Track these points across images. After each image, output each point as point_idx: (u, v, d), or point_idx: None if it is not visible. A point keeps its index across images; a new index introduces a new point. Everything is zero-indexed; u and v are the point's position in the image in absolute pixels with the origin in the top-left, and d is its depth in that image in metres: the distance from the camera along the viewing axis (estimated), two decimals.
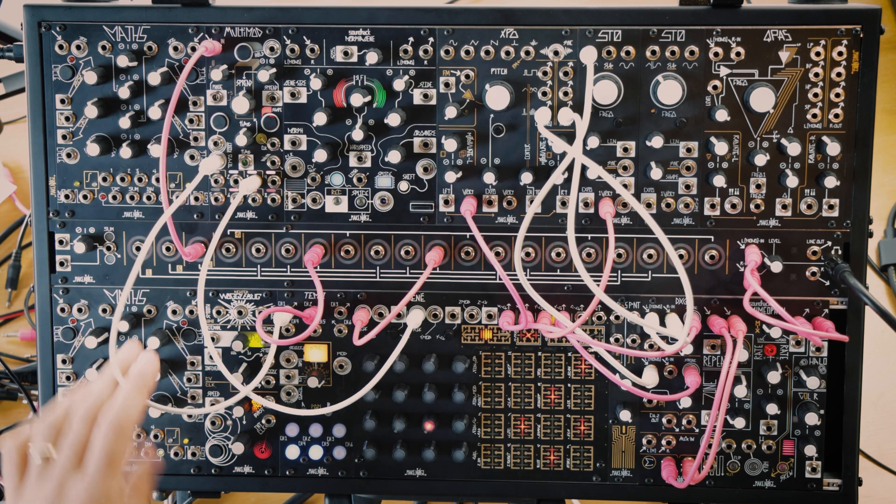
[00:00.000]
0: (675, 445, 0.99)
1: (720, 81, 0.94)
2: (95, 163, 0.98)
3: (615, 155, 0.95)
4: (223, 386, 1.01)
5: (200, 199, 0.98)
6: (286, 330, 0.99)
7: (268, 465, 1.02)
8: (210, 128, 0.97)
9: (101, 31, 0.96)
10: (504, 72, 0.95)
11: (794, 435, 0.99)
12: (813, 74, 0.93)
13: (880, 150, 1.27)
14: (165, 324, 1.00)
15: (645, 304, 0.98)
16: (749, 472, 0.99)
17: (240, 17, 0.95)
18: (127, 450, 0.81)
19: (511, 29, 0.94)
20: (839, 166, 0.94)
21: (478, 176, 0.96)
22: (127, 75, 0.96)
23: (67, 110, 0.97)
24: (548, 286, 0.98)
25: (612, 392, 0.99)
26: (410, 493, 1.02)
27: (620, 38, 0.94)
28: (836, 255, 0.96)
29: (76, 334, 1.00)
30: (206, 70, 0.96)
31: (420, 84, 0.95)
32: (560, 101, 0.95)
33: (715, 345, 0.98)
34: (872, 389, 1.22)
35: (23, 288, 1.31)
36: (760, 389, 0.98)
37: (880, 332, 0.99)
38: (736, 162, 0.95)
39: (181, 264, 0.99)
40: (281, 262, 0.99)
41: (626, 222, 0.96)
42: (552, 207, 0.97)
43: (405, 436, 1.00)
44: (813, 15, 0.92)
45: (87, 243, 0.98)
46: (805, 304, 0.97)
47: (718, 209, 0.96)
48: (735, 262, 0.96)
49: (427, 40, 0.95)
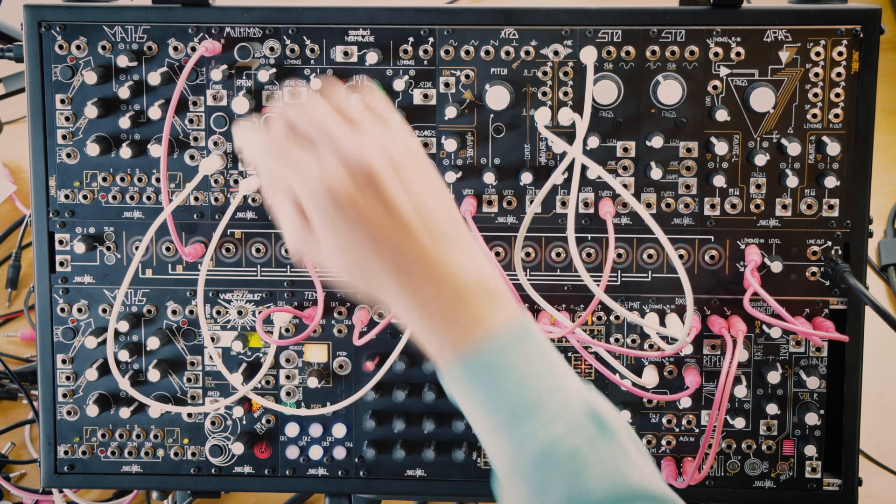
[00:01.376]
0: (675, 445, 0.99)
1: (720, 81, 0.94)
2: (95, 163, 0.98)
3: (615, 155, 0.95)
4: (223, 386, 1.01)
5: (200, 199, 0.98)
6: (286, 330, 0.99)
7: (268, 465, 1.02)
8: (210, 128, 0.97)
9: (101, 31, 0.96)
10: (504, 72, 0.95)
11: (794, 435, 0.99)
12: (813, 74, 0.93)
13: (880, 150, 1.27)
14: (165, 324, 1.00)
15: (645, 304, 0.98)
16: (749, 472, 0.99)
17: (240, 17, 0.95)
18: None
19: (511, 29, 0.94)
20: (839, 166, 0.94)
21: (478, 176, 0.96)
22: (127, 75, 0.96)
23: (67, 110, 0.97)
24: (548, 286, 0.98)
25: (612, 392, 0.99)
26: (410, 493, 1.02)
27: (620, 38, 0.94)
28: (836, 255, 0.96)
29: (76, 334, 1.00)
30: (206, 70, 0.96)
31: (420, 84, 0.95)
32: (560, 101, 0.95)
33: (715, 345, 0.98)
34: (872, 389, 1.22)
35: (23, 288, 1.31)
36: (760, 389, 0.98)
37: (880, 332, 0.98)
38: (736, 162, 0.95)
39: (181, 264, 0.99)
40: (281, 262, 0.99)
41: (626, 222, 0.96)
42: (552, 207, 0.97)
43: (405, 436, 1.00)
44: (813, 15, 0.92)
45: (87, 243, 0.98)
46: (805, 304, 0.97)
47: (718, 209, 0.96)
48: (735, 262, 0.96)
49: (427, 40, 0.95)
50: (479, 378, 0.67)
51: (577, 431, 0.65)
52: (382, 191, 0.69)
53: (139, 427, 1.01)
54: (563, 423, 0.65)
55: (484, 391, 0.67)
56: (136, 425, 1.01)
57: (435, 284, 0.68)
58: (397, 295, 0.69)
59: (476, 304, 0.68)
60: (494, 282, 0.70)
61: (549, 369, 0.68)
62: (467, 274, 0.69)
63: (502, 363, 0.67)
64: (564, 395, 0.67)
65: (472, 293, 0.68)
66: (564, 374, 0.68)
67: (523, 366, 0.67)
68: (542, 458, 0.65)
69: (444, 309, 0.68)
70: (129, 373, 0.99)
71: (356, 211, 0.68)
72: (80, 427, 1.01)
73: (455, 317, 0.68)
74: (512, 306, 0.69)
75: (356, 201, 0.68)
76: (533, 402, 0.66)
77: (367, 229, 0.68)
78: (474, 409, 0.68)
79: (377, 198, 0.69)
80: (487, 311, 0.68)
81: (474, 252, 0.71)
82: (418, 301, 0.68)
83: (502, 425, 0.66)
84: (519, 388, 0.66)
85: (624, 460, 0.65)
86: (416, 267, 0.68)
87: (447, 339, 0.68)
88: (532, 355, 0.68)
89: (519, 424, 0.66)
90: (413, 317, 0.69)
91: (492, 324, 0.68)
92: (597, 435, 0.65)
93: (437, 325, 0.68)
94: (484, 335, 0.67)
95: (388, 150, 0.71)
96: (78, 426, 1.01)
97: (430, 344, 0.69)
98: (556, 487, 0.65)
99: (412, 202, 0.70)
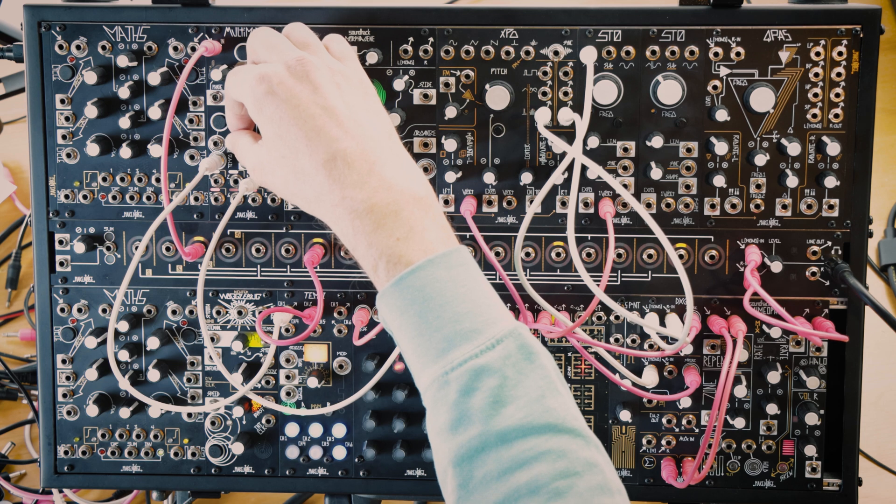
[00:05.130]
0: (674, 445, 0.99)
1: (720, 81, 0.94)
2: (95, 163, 0.98)
3: (615, 155, 0.95)
4: (223, 386, 1.01)
5: (200, 199, 0.98)
6: (286, 330, 0.99)
7: (268, 465, 1.02)
8: (210, 128, 0.97)
9: (101, 31, 0.96)
10: (504, 72, 0.95)
11: (794, 435, 0.99)
12: (813, 74, 0.93)
13: (880, 150, 1.27)
14: (165, 324, 1.00)
15: (645, 304, 0.98)
16: (749, 472, 0.99)
17: (240, 17, 0.95)
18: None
19: (511, 29, 0.94)
20: (839, 166, 0.94)
21: (478, 176, 0.96)
22: (127, 75, 0.96)
23: (67, 110, 0.97)
24: (548, 286, 0.98)
25: (611, 392, 0.99)
26: (410, 493, 1.02)
27: (620, 38, 0.94)
28: (836, 255, 0.96)
29: (76, 334, 1.00)
30: (206, 70, 0.96)
31: (420, 84, 0.95)
32: (560, 101, 0.95)
33: (715, 345, 0.98)
34: (872, 389, 1.22)
35: (23, 288, 1.31)
36: (760, 389, 0.98)
37: (880, 332, 0.99)
38: (736, 162, 0.95)
39: (181, 264, 0.99)
40: (281, 262, 0.99)
41: (626, 222, 0.96)
42: (552, 207, 0.97)
43: (405, 436, 1.00)
44: (813, 15, 0.92)
45: (86, 243, 0.98)
46: (805, 304, 0.97)
47: (718, 209, 0.96)
48: (735, 262, 0.96)
49: (427, 40, 0.95)
50: (414, 302, 0.65)
51: (506, 360, 0.65)
52: (315, 81, 0.70)
53: (139, 427, 1.01)
54: (495, 352, 0.65)
55: (417, 316, 0.65)
56: (136, 425, 1.01)
57: (367, 185, 0.66)
58: (331, 201, 0.66)
59: (411, 215, 0.66)
60: (429, 196, 0.68)
61: (484, 297, 0.67)
62: (401, 180, 0.67)
63: (438, 288, 0.65)
64: (496, 325, 0.66)
65: (406, 201, 0.67)
66: (497, 303, 0.67)
67: (459, 293, 0.66)
68: (469, 382, 0.64)
69: (377, 215, 0.66)
70: (129, 373, 0.99)
71: (288, 92, 0.69)
72: (80, 427, 1.01)
73: (389, 225, 0.66)
74: (444, 223, 0.68)
75: (287, 84, 0.70)
76: (466, 332, 0.65)
77: (298, 111, 0.69)
78: (406, 331, 0.66)
79: (309, 85, 0.70)
80: (422, 225, 0.66)
81: (409, 164, 0.70)
82: (352, 206, 0.66)
83: (434, 351, 0.65)
84: (453, 317, 0.65)
85: (550, 391, 0.65)
86: (347, 163, 0.67)
87: (382, 252, 0.65)
88: (466, 281, 0.66)
89: (452, 351, 0.65)
90: (346, 226, 0.67)
91: (427, 241, 0.66)
92: (524, 364, 0.65)
93: (371, 235, 0.66)
94: (419, 254, 0.65)
95: (329, 64, 0.73)
96: (78, 426, 1.01)
97: (365, 260, 0.67)
98: (478, 411, 0.64)
99: (345, 99, 0.70)
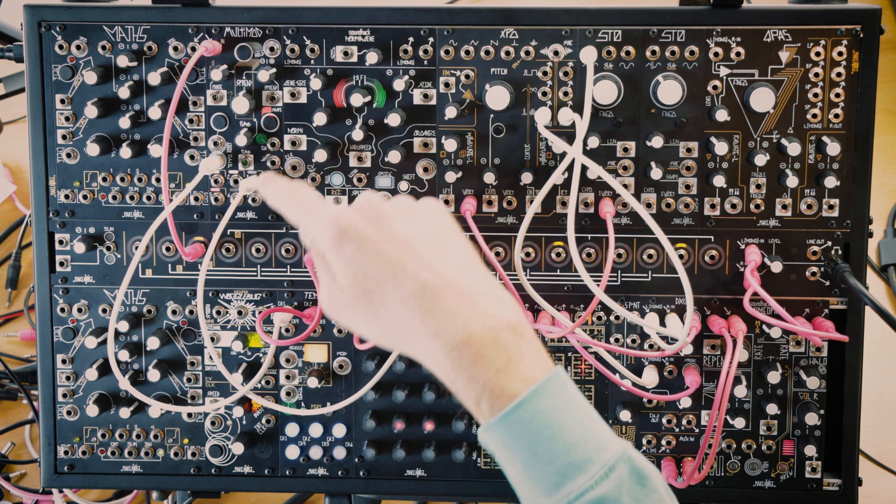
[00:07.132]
0: (674, 445, 0.99)
1: (720, 81, 0.94)
2: (95, 163, 0.98)
3: (615, 155, 0.95)
4: (223, 386, 1.01)
5: (200, 199, 0.98)
6: (286, 330, 0.99)
7: (268, 465, 1.02)
8: (210, 128, 0.97)
9: (101, 31, 0.96)
10: (504, 72, 0.95)
11: (794, 435, 0.99)
12: (813, 74, 0.93)
13: (880, 150, 1.27)
14: (165, 324, 1.00)
15: (645, 304, 0.98)
16: (749, 472, 0.99)
17: (240, 17, 0.95)
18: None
19: (511, 29, 0.94)
20: (839, 166, 0.94)
21: (478, 176, 0.96)
22: (127, 75, 0.96)
23: (67, 110, 0.97)
24: (548, 286, 0.98)
25: (612, 392, 0.99)
26: (410, 493, 1.02)
27: (620, 38, 0.94)
28: (836, 255, 0.96)
29: (76, 334, 1.00)
30: (206, 70, 0.96)
31: (420, 84, 0.95)
32: (560, 101, 0.95)
33: (715, 345, 0.98)
34: (872, 389, 1.22)
35: (23, 288, 1.31)
36: (760, 389, 0.98)
37: (880, 332, 0.98)
38: (736, 162, 0.95)
39: (181, 264, 0.99)
40: (281, 262, 0.99)
41: (626, 222, 0.96)
42: (552, 207, 0.97)
43: (405, 436, 1.00)
44: (813, 15, 0.92)
45: (86, 243, 0.98)
46: (805, 304, 0.97)
47: (718, 209, 0.96)
48: (735, 262, 0.96)
49: (427, 40, 0.95)
50: (522, 435, 0.63)
51: (621, 488, 0.63)
52: (390, 222, 0.67)
53: (139, 427, 1.01)
54: (609, 481, 0.63)
55: (527, 449, 0.63)
56: (136, 425, 1.01)
57: (460, 315, 0.64)
58: (425, 334, 0.64)
59: (508, 342, 0.64)
60: (521, 320, 0.65)
61: (588, 421, 0.64)
62: (492, 306, 0.65)
63: (544, 420, 0.63)
64: (606, 450, 0.64)
65: (501, 328, 0.64)
66: (600, 425, 0.65)
67: (565, 421, 0.63)
68: None
69: (475, 347, 0.63)
70: (129, 373, 0.99)
71: (364, 236, 0.66)
72: (80, 427, 1.01)
73: (488, 356, 0.63)
74: (538, 345, 0.65)
75: (360, 228, 0.67)
76: (578, 462, 0.63)
77: (378, 255, 0.66)
78: (515, 464, 0.64)
79: (385, 227, 0.67)
80: (519, 351, 0.64)
81: (497, 289, 0.67)
82: (448, 338, 0.64)
83: (547, 483, 0.63)
84: (564, 448, 0.63)
85: None
86: (437, 292, 0.64)
87: (484, 386, 0.63)
88: (570, 407, 0.64)
89: (567, 484, 0.63)
90: (442, 360, 0.64)
91: (526, 369, 0.63)
92: (638, 490, 0.63)
93: (471, 369, 0.64)
94: (521, 384, 0.63)
95: (396, 202, 0.70)
96: (78, 426, 1.01)
97: (466, 394, 0.65)
98: None
99: (421, 236, 0.67)
